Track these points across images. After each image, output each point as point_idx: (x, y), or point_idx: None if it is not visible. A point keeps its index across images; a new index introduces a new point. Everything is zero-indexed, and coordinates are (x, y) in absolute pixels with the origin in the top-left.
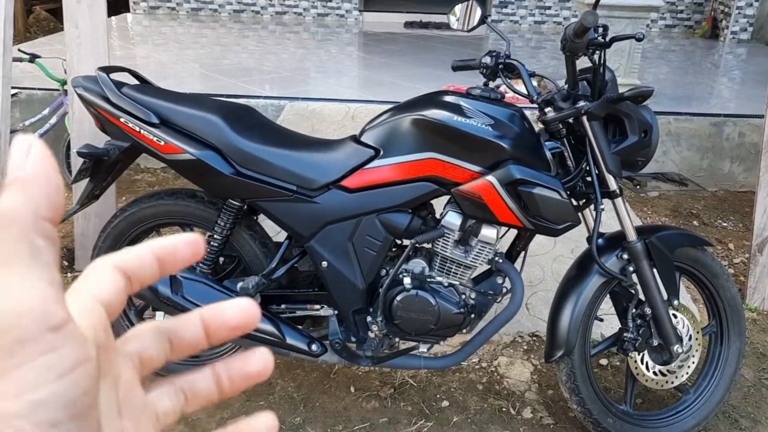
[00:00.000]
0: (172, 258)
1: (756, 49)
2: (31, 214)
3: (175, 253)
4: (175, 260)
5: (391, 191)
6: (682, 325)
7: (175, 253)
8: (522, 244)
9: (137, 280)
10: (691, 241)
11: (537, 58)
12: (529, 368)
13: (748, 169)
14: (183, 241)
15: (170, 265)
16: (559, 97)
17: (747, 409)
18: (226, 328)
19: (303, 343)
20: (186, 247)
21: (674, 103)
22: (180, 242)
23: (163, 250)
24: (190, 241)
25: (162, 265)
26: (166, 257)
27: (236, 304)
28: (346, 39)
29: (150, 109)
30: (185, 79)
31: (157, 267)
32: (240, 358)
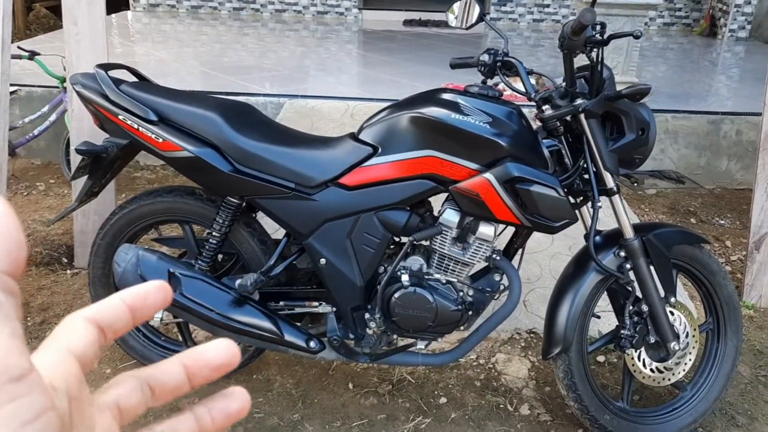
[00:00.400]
0: (142, 305)
1: (754, 47)
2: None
3: (145, 300)
4: (145, 307)
5: (389, 189)
6: (678, 322)
7: (145, 300)
8: (519, 241)
9: (111, 330)
10: (688, 238)
11: (536, 56)
12: (526, 365)
13: (746, 167)
14: (152, 287)
15: (141, 312)
16: (557, 95)
17: (744, 406)
18: (208, 368)
19: (301, 339)
20: (156, 293)
21: (672, 101)
22: (149, 289)
23: (133, 299)
24: (159, 287)
25: (133, 313)
26: (137, 305)
27: (217, 344)
28: (346, 37)
29: (148, 106)
30: (185, 77)
31: (129, 316)
32: (219, 398)
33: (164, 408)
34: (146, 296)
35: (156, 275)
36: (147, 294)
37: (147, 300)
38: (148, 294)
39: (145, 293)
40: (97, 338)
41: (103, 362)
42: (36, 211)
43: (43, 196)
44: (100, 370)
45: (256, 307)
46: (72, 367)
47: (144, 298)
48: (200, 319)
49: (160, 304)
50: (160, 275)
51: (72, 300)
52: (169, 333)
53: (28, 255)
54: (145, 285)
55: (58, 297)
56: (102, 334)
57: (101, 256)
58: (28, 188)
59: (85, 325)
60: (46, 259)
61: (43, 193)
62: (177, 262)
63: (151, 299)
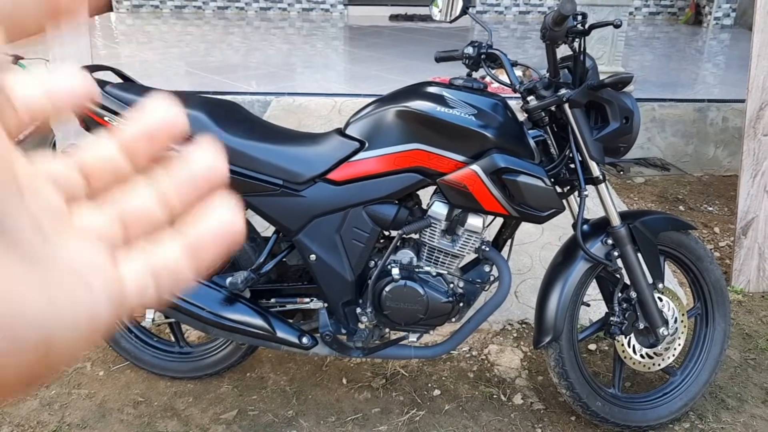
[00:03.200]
0: (63, 90)
1: (739, 34)
2: None
3: (63, 85)
4: (66, 93)
5: (377, 183)
6: (667, 308)
7: (64, 85)
8: (508, 232)
9: (25, 107)
10: (675, 225)
11: (522, 48)
12: (519, 355)
13: (733, 154)
14: (73, 71)
15: (62, 97)
16: (541, 86)
17: (734, 389)
18: (145, 137)
19: (294, 336)
20: (73, 77)
21: (659, 89)
22: (69, 73)
23: (50, 83)
24: (78, 72)
25: (51, 96)
26: (55, 88)
27: (151, 104)
28: (332, 33)
29: (134, 107)
30: (171, 78)
31: (44, 98)
32: (182, 161)
33: (159, 408)
34: (61, 78)
35: None
36: (62, 76)
37: (62, 82)
38: (64, 76)
39: (62, 75)
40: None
41: (96, 365)
42: None
43: None
44: (93, 373)
45: (248, 304)
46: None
47: (59, 80)
48: (192, 318)
49: (80, 91)
50: None
51: None
52: (161, 334)
53: None
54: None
55: None
56: (10, 107)
57: None
58: None
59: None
60: None
61: None
62: None
63: (65, 80)
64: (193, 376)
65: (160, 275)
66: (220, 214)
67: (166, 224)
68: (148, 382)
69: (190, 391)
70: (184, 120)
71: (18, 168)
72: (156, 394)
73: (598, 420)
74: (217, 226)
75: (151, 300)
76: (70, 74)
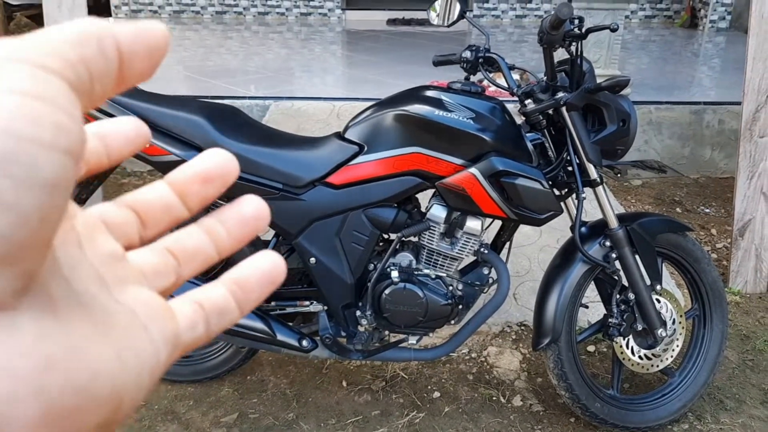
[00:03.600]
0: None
1: (734, 37)
2: None
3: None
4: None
5: (376, 186)
6: (665, 309)
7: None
8: (507, 234)
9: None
10: (672, 226)
11: (519, 52)
12: (518, 357)
13: (729, 156)
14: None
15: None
16: (539, 89)
17: (732, 390)
18: (196, 179)
19: (294, 339)
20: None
21: (655, 92)
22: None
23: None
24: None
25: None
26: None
27: (201, 155)
28: (330, 38)
29: (133, 111)
30: (169, 82)
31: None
32: (230, 205)
33: (159, 412)
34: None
35: None
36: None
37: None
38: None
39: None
40: None
41: None
42: None
43: None
44: None
45: None
46: None
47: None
48: None
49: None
50: None
51: None
52: None
53: None
54: (120, 119)
55: None
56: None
57: None
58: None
59: None
60: None
61: None
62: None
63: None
64: (194, 380)
65: (209, 313)
66: (263, 254)
67: (217, 263)
68: None
69: (190, 395)
70: (237, 168)
71: (76, 220)
72: (156, 397)
73: (597, 421)
74: (261, 266)
75: (201, 338)
76: (123, 120)
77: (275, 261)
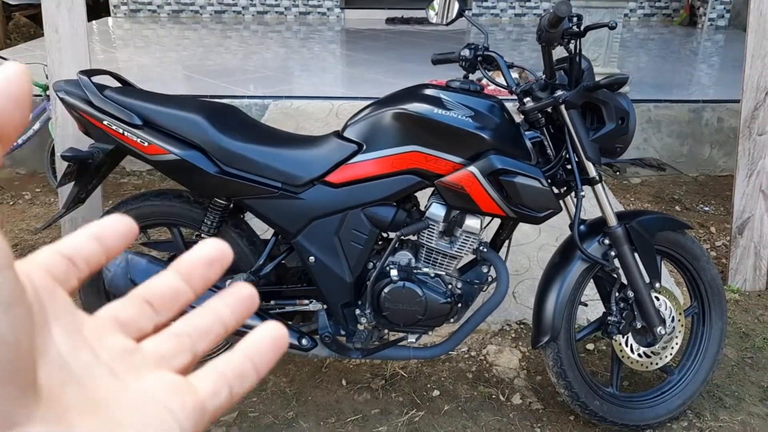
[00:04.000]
0: (111, 233)
1: (733, 35)
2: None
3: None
4: (112, 236)
5: (375, 185)
6: (664, 307)
7: (111, 230)
8: (506, 233)
9: (81, 259)
10: (671, 224)
11: (519, 51)
12: (517, 355)
13: (728, 154)
14: (114, 218)
15: (110, 241)
16: (537, 88)
17: (731, 388)
18: (201, 265)
19: (293, 338)
20: (119, 222)
21: (654, 90)
22: (112, 219)
23: (98, 229)
24: (120, 218)
25: (99, 240)
26: (104, 234)
27: (204, 242)
28: (329, 37)
29: (133, 110)
30: (168, 82)
31: (95, 243)
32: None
33: None
34: (110, 227)
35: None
36: (111, 225)
37: (112, 230)
38: (112, 225)
39: (109, 224)
40: (67, 265)
41: None
42: (23, 220)
43: (30, 205)
44: None
45: None
46: (42, 277)
47: (109, 228)
48: None
49: (126, 233)
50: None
51: None
52: None
53: None
54: (106, 218)
55: None
56: (72, 263)
57: None
58: (14, 198)
59: (51, 252)
60: None
61: (30, 202)
62: (167, 265)
63: (115, 229)
64: None
65: (231, 379)
66: (267, 324)
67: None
68: None
69: None
70: (231, 254)
71: (85, 328)
72: None
73: (597, 419)
74: (269, 333)
75: (226, 404)
76: (116, 219)
77: (278, 326)
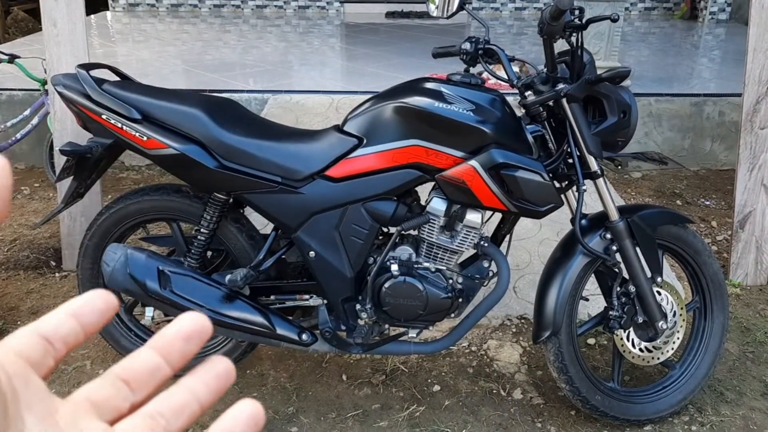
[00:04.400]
0: (87, 310)
1: (734, 29)
2: None
3: (87, 306)
4: (90, 312)
5: (375, 179)
6: (666, 301)
7: (87, 306)
8: (507, 227)
9: (58, 339)
10: (673, 218)
11: (519, 44)
12: (518, 350)
13: (729, 148)
14: (94, 293)
15: (88, 319)
16: (539, 81)
17: (732, 382)
18: (178, 340)
19: (293, 333)
20: (98, 298)
21: (655, 84)
22: (91, 295)
23: (76, 307)
24: (101, 293)
25: (79, 319)
26: (80, 311)
27: (182, 316)
28: (328, 31)
29: (131, 104)
30: (167, 76)
31: (74, 323)
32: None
33: None
34: (89, 303)
35: (145, 274)
36: (89, 301)
37: (91, 307)
38: (91, 301)
39: (88, 301)
40: (44, 347)
41: (95, 363)
42: (22, 215)
43: (29, 200)
44: (93, 371)
45: (247, 302)
46: (16, 363)
47: (87, 305)
48: None
49: (105, 309)
50: (149, 274)
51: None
52: None
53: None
54: (86, 294)
55: (48, 300)
56: (49, 344)
57: (89, 257)
58: (13, 192)
59: (28, 334)
60: (33, 263)
61: (28, 197)
62: (166, 260)
63: (94, 306)
64: None
65: None
66: (243, 402)
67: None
68: None
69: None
70: (210, 326)
71: (59, 413)
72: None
73: (598, 414)
74: (245, 410)
75: None
76: (93, 296)
77: (254, 404)
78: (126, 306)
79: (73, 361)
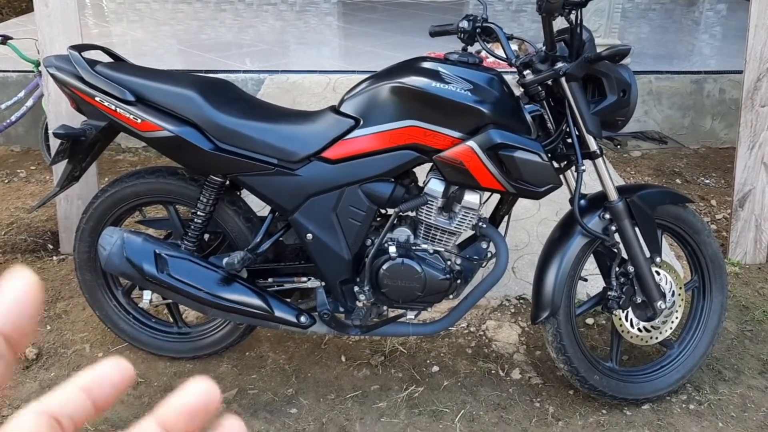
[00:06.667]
0: (100, 384)
1: (735, 5)
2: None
3: (102, 379)
4: (103, 386)
5: (372, 161)
6: (664, 281)
7: (102, 379)
8: (505, 208)
9: (67, 418)
10: (672, 198)
11: (518, 22)
12: (516, 331)
13: (730, 126)
14: (109, 365)
15: (100, 393)
16: (537, 60)
17: (730, 361)
18: (185, 414)
19: (292, 315)
20: (113, 370)
21: (655, 61)
22: (106, 368)
23: (88, 380)
24: (116, 363)
25: (90, 393)
26: (93, 386)
27: (108, 360)
28: (325, 9)
29: (125, 86)
30: (163, 56)
31: (86, 400)
32: None
33: (158, 389)
34: (102, 376)
35: (142, 257)
36: (103, 374)
37: (104, 379)
38: (104, 373)
39: (101, 373)
40: (50, 426)
41: (94, 346)
42: (18, 198)
43: (25, 183)
44: (92, 355)
45: (245, 284)
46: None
47: (100, 377)
48: (189, 299)
49: (119, 382)
50: (146, 257)
51: (60, 286)
52: (159, 315)
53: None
54: (101, 364)
55: (46, 284)
56: (58, 424)
57: (86, 241)
58: (9, 176)
59: (35, 418)
60: (31, 246)
61: (25, 180)
62: (163, 243)
63: (108, 378)
64: (192, 356)
65: None
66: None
67: None
68: (147, 362)
69: (189, 371)
70: (219, 397)
71: None
72: (155, 374)
73: (596, 393)
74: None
75: None
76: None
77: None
78: (124, 289)
79: (72, 345)
